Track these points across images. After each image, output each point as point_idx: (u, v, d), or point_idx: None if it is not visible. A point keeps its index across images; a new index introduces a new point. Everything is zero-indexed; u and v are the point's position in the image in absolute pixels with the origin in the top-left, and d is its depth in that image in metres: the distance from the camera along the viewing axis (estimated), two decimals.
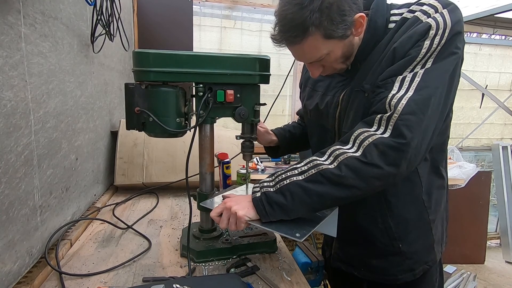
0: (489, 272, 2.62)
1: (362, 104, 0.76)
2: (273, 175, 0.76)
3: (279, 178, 0.74)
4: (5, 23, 0.69)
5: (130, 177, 1.42)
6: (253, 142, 0.95)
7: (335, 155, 0.69)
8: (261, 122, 1.02)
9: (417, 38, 0.68)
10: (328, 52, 0.74)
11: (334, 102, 0.86)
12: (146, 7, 2.13)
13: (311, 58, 0.77)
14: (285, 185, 0.71)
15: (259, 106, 0.90)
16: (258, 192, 0.75)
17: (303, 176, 0.70)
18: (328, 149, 0.72)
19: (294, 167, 0.73)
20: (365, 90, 0.75)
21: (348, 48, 0.77)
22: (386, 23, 0.77)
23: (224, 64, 0.83)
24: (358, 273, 0.90)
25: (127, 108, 0.84)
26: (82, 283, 0.78)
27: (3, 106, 0.69)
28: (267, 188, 0.74)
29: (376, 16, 0.76)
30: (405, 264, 0.84)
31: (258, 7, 2.47)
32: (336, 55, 0.76)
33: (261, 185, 0.76)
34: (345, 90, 0.83)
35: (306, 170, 0.71)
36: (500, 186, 2.98)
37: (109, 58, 1.48)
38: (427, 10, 0.70)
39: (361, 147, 0.68)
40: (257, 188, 0.76)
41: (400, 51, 0.70)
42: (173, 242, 1.01)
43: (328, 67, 0.80)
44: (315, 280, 1.18)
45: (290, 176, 0.72)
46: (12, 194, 0.72)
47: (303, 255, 1.20)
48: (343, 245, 0.93)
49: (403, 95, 0.67)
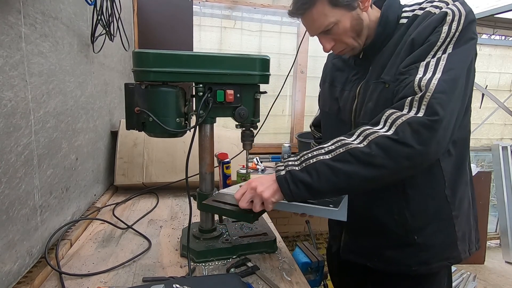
0: (489, 272, 2.62)
1: (383, 95, 0.78)
2: (298, 155, 0.75)
3: (305, 157, 0.73)
4: (5, 23, 0.69)
5: (130, 177, 1.42)
6: (253, 131, 0.94)
7: (365, 135, 0.69)
8: None
9: (434, 25, 0.71)
10: (336, 21, 0.79)
11: (351, 96, 0.89)
12: (146, 7, 2.13)
13: (320, 26, 0.81)
14: (311, 163, 0.70)
15: (260, 95, 0.90)
16: (282, 171, 0.73)
17: (331, 155, 0.70)
18: (357, 130, 0.72)
19: (320, 146, 0.73)
20: (385, 81, 0.77)
21: (357, 22, 0.81)
22: (397, 19, 0.82)
23: (224, 64, 0.83)
24: (371, 263, 0.89)
25: (127, 108, 0.84)
26: (82, 283, 0.78)
27: (3, 106, 0.69)
28: (292, 166, 0.72)
29: (388, 12, 0.82)
30: (420, 256, 0.84)
31: (258, 7, 2.47)
32: (345, 26, 0.80)
33: (286, 164, 0.74)
34: (361, 84, 0.87)
35: (333, 149, 0.70)
36: (500, 186, 2.98)
37: (109, 58, 1.48)
38: (438, 4, 0.75)
39: (393, 126, 0.67)
40: (281, 166, 0.75)
41: (418, 40, 0.73)
42: (173, 242, 1.01)
43: (339, 42, 0.84)
44: (315, 280, 1.18)
45: (316, 155, 0.71)
46: (12, 194, 0.73)
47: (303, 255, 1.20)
48: (354, 236, 0.94)
49: (432, 76, 0.68)
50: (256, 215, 0.85)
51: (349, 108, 0.90)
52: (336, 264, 1.13)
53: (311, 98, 2.81)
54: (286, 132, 2.86)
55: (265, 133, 2.76)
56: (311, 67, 2.74)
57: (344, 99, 0.92)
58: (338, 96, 0.95)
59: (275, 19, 2.63)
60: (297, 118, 2.76)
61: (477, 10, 2.31)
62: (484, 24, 3.14)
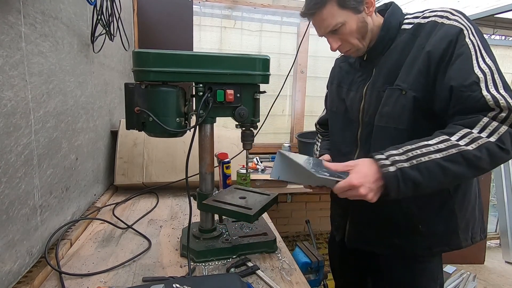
0: (489, 272, 2.62)
1: (400, 101, 0.84)
2: (400, 148, 0.74)
3: (414, 153, 0.72)
4: (5, 22, 0.69)
5: (130, 177, 1.42)
6: (253, 130, 0.94)
7: (472, 138, 0.71)
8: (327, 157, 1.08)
9: (451, 38, 0.77)
10: (343, 21, 0.86)
11: (358, 97, 0.97)
12: (146, 7, 2.13)
13: (328, 26, 0.88)
14: (422, 162, 0.71)
15: (259, 95, 0.90)
16: (390, 167, 0.71)
17: (441, 155, 0.71)
18: (457, 131, 0.73)
19: (426, 143, 0.73)
20: (402, 88, 0.84)
21: (362, 24, 0.88)
22: (399, 25, 0.90)
23: (224, 64, 0.83)
24: (377, 250, 0.97)
25: (127, 108, 0.84)
26: (82, 283, 0.78)
27: (3, 106, 0.69)
28: (400, 163, 0.71)
29: (390, 18, 0.91)
30: (424, 243, 0.91)
31: (258, 7, 2.47)
32: (351, 27, 0.87)
33: (391, 159, 0.72)
34: (367, 85, 0.94)
35: (444, 149, 0.71)
36: (500, 186, 2.98)
37: (109, 58, 1.48)
38: (442, 14, 0.83)
39: (495, 133, 0.71)
40: (386, 161, 0.72)
41: (435, 52, 0.79)
42: (173, 242, 1.01)
43: (345, 42, 0.91)
44: (315, 280, 1.18)
45: (427, 153, 0.71)
46: (12, 194, 0.73)
47: (303, 255, 1.20)
48: (360, 227, 0.99)
49: (505, 93, 0.73)
50: (256, 215, 0.85)
51: (357, 107, 0.97)
52: (339, 254, 1.19)
53: (311, 98, 2.81)
54: (286, 132, 2.86)
55: (265, 133, 2.76)
56: (311, 67, 2.74)
57: (351, 99, 1.00)
58: (344, 97, 1.03)
59: (275, 19, 2.63)
60: (297, 118, 2.76)
61: (477, 10, 2.31)
62: (484, 24, 3.14)
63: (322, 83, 2.83)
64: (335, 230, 1.12)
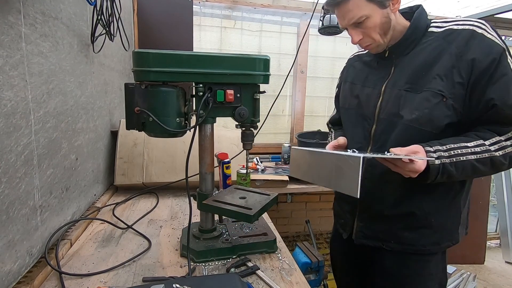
0: (489, 272, 2.62)
1: (440, 107, 0.85)
2: (445, 146, 0.83)
3: (455, 152, 0.82)
4: (6, 23, 0.69)
5: (130, 177, 1.42)
6: (254, 130, 0.94)
7: (501, 146, 0.83)
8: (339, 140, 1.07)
9: (495, 56, 0.81)
10: (368, 14, 0.87)
11: (375, 93, 0.98)
12: (146, 7, 2.13)
13: (353, 17, 0.89)
14: (461, 161, 0.82)
15: (259, 95, 0.90)
16: (436, 160, 0.81)
17: (476, 157, 0.82)
18: (490, 137, 0.84)
19: (466, 145, 0.83)
20: (444, 95, 0.85)
21: (386, 20, 0.89)
22: (426, 28, 0.92)
23: (224, 64, 0.83)
24: (386, 246, 0.99)
25: (127, 108, 0.84)
26: (82, 283, 0.78)
27: (3, 106, 0.69)
28: (444, 159, 0.82)
29: (419, 19, 0.92)
30: (434, 237, 0.95)
31: (258, 7, 2.47)
32: (375, 21, 0.88)
33: (438, 154, 0.82)
34: (385, 82, 0.96)
35: (479, 152, 0.82)
36: (500, 186, 2.98)
37: (109, 58, 1.48)
38: (480, 26, 0.85)
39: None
40: (432, 154, 0.82)
41: (480, 62, 0.82)
42: (173, 242, 1.01)
43: (367, 36, 0.92)
44: (315, 280, 1.18)
45: (465, 154, 0.82)
46: (12, 194, 0.73)
47: (303, 255, 1.20)
48: (369, 221, 1.01)
49: None
50: (256, 215, 0.85)
51: (373, 103, 0.98)
52: (343, 252, 1.19)
53: (311, 98, 2.81)
54: (286, 132, 2.86)
55: (265, 133, 2.76)
56: (311, 67, 2.74)
57: (366, 95, 1.01)
58: (358, 93, 1.04)
59: (275, 19, 2.63)
60: (297, 118, 2.76)
61: (477, 10, 2.31)
62: None
63: (322, 83, 2.86)
64: (342, 228, 1.12)
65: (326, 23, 2.03)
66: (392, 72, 0.95)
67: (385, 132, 0.94)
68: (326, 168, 0.80)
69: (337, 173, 0.76)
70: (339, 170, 0.75)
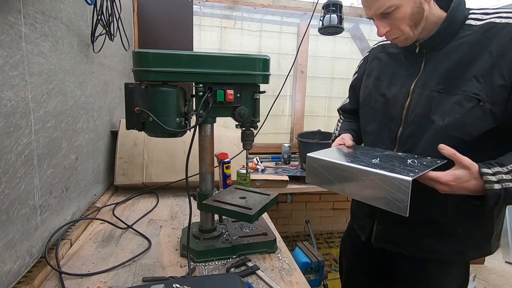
0: (489, 273, 2.62)
1: (475, 112, 0.76)
2: (505, 167, 0.72)
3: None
4: (6, 22, 0.69)
5: (130, 177, 1.42)
6: (254, 130, 0.94)
7: None
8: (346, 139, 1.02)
9: None
10: (398, 4, 0.78)
11: (403, 93, 0.89)
12: (146, 7, 2.13)
13: (381, 6, 0.79)
14: None
15: (259, 95, 0.90)
16: (495, 184, 0.71)
17: None
18: None
19: None
20: (481, 99, 0.75)
21: (418, 10, 0.79)
22: (464, 20, 0.81)
23: (224, 64, 0.83)
24: (407, 252, 0.93)
25: (127, 108, 0.84)
26: (82, 283, 0.78)
27: (3, 106, 0.69)
28: (506, 182, 0.71)
29: (457, 9, 0.81)
30: (459, 247, 0.88)
31: (258, 7, 2.47)
32: (405, 11, 0.79)
33: (498, 177, 0.71)
34: (414, 81, 0.87)
35: None
36: None
37: (109, 58, 1.48)
38: None
39: None
40: (492, 177, 0.71)
41: None
42: (173, 242, 1.01)
43: (395, 28, 0.83)
44: (315, 280, 1.18)
45: None
46: (12, 194, 0.73)
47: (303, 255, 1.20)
48: (390, 225, 0.95)
49: None
50: (256, 215, 0.85)
51: (400, 104, 0.89)
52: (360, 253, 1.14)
53: (311, 98, 2.81)
54: (286, 132, 2.86)
55: (265, 133, 2.76)
56: (311, 67, 2.74)
57: (394, 95, 0.92)
58: (385, 91, 0.95)
59: (275, 19, 2.63)
60: (297, 118, 2.77)
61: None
62: None
63: (322, 83, 2.86)
64: (360, 230, 1.07)
65: (326, 23, 2.03)
66: (422, 69, 0.86)
67: (414, 136, 0.87)
68: (360, 182, 0.75)
69: (378, 190, 0.72)
70: (380, 187, 0.72)
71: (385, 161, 0.79)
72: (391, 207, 0.71)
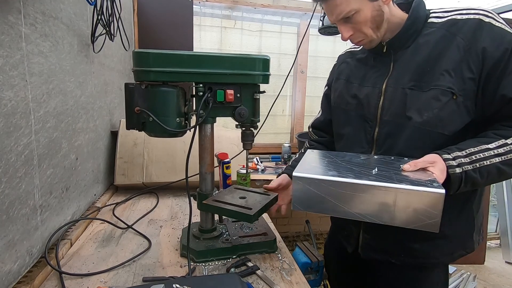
0: (489, 273, 2.62)
1: (451, 106, 0.79)
2: (464, 151, 0.75)
3: (477, 157, 0.75)
4: (6, 22, 0.69)
5: (130, 177, 1.42)
6: (254, 130, 0.93)
7: None
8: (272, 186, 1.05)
9: (507, 46, 0.74)
10: (357, 8, 0.80)
11: (376, 93, 0.90)
12: (146, 7, 2.13)
13: (342, 12, 0.82)
14: (484, 165, 0.74)
15: (259, 95, 0.89)
16: (456, 168, 0.74)
17: (501, 159, 0.74)
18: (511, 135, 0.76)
19: (487, 147, 0.75)
20: (455, 93, 0.78)
21: (377, 13, 0.82)
22: (426, 18, 0.85)
23: (224, 64, 0.83)
24: (396, 259, 0.91)
25: (127, 108, 0.84)
26: (82, 283, 0.78)
27: (4, 106, 0.69)
28: (465, 165, 0.74)
29: (418, 8, 0.85)
30: (448, 247, 0.89)
31: (258, 7, 2.47)
32: (366, 15, 0.81)
33: (458, 161, 0.74)
34: (385, 80, 0.88)
35: (503, 153, 0.74)
36: (500, 186, 2.97)
37: (109, 58, 1.48)
38: (487, 14, 0.78)
39: None
40: (452, 162, 0.74)
41: (492, 54, 0.75)
42: (173, 242, 1.01)
43: (358, 31, 0.85)
44: (315, 280, 1.18)
45: (488, 157, 0.74)
46: (12, 194, 0.73)
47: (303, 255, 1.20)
48: (376, 233, 0.93)
49: None
50: (256, 215, 0.85)
51: (374, 104, 0.90)
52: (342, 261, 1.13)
53: (311, 98, 2.81)
54: (286, 132, 2.86)
55: (265, 133, 2.76)
56: (311, 67, 2.74)
57: (366, 95, 0.92)
58: (356, 93, 0.95)
59: (275, 19, 2.63)
60: (297, 118, 2.77)
61: None
62: None
63: (322, 83, 2.84)
64: (345, 240, 1.04)
65: (326, 23, 2.03)
66: (392, 68, 0.88)
67: (391, 136, 0.87)
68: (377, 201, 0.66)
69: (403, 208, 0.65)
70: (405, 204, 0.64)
71: (382, 170, 0.74)
72: (417, 225, 0.65)
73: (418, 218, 0.65)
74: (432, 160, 0.75)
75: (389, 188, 0.65)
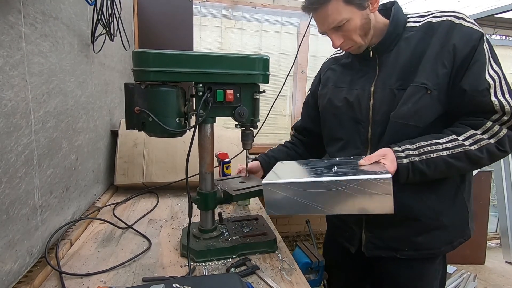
0: (489, 273, 2.62)
1: (424, 100, 0.85)
2: (414, 144, 0.83)
3: (425, 150, 0.82)
4: (6, 22, 0.69)
5: (130, 177, 1.42)
6: (253, 130, 0.94)
7: (476, 139, 0.81)
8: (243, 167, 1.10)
9: (474, 43, 0.81)
10: (348, 17, 0.86)
11: (365, 95, 0.94)
12: (146, 7, 2.13)
13: (333, 22, 0.87)
14: (431, 158, 0.81)
15: (259, 94, 0.90)
16: (404, 159, 0.82)
17: (448, 152, 0.81)
18: (464, 132, 0.82)
19: (436, 141, 0.82)
20: (428, 88, 0.84)
21: (365, 21, 0.88)
22: (405, 23, 0.92)
23: (224, 64, 0.83)
24: (401, 254, 0.95)
25: (127, 108, 0.84)
26: (82, 283, 0.78)
27: (4, 106, 0.69)
28: (413, 157, 0.82)
29: (398, 14, 0.92)
30: (448, 237, 0.94)
31: (258, 7, 2.47)
32: (355, 23, 0.87)
33: (406, 153, 0.82)
34: (373, 82, 0.93)
35: (451, 148, 0.81)
36: (500, 186, 2.97)
37: (109, 58, 1.48)
38: (458, 16, 0.85)
39: (495, 136, 0.81)
40: (401, 153, 0.82)
41: (460, 53, 0.82)
42: (173, 242, 1.01)
43: (348, 39, 0.90)
44: (315, 280, 1.18)
45: (436, 150, 0.82)
46: (13, 194, 0.73)
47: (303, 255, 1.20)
48: (379, 230, 0.97)
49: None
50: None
51: (365, 106, 0.94)
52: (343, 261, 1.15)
53: None
54: (286, 132, 2.86)
55: (265, 133, 2.75)
56: (311, 67, 2.74)
57: (356, 98, 0.96)
58: (346, 96, 0.99)
59: (275, 19, 2.63)
60: (297, 118, 2.75)
61: (477, 10, 2.31)
62: (484, 24, 3.13)
63: None
64: (348, 242, 1.05)
65: None
66: (378, 70, 0.93)
67: (383, 134, 0.91)
68: (340, 195, 0.73)
69: (361, 197, 0.72)
70: (362, 193, 0.72)
71: (341, 168, 0.81)
72: (376, 209, 0.73)
73: (377, 204, 0.73)
74: (383, 153, 0.83)
75: (344, 180, 0.72)
